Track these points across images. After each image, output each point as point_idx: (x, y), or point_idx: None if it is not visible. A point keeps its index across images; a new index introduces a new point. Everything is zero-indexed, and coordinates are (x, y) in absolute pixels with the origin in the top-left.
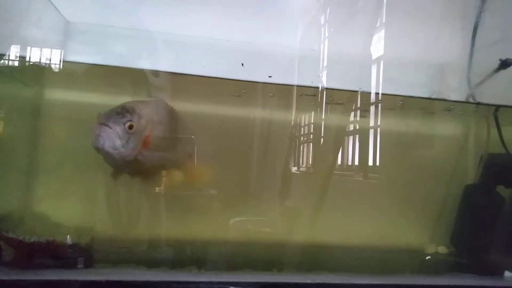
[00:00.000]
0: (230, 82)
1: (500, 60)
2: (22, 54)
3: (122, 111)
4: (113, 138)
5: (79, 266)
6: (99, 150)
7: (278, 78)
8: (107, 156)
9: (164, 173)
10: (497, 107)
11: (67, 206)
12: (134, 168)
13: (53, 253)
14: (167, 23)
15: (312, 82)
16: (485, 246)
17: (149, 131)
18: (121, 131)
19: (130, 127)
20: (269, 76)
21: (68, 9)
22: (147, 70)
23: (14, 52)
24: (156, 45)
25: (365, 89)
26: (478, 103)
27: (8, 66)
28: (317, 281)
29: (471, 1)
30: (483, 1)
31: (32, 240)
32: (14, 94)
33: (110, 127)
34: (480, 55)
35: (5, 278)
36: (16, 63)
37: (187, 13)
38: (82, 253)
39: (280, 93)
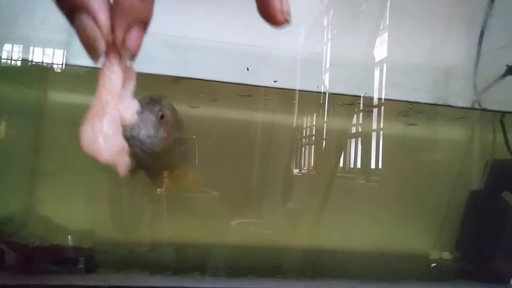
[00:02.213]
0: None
1: (507, 65)
2: (25, 55)
3: (152, 101)
4: (149, 126)
5: (83, 271)
6: (133, 139)
7: (281, 82)
8: (139, 146)
9: (168, 173)
10: (504, 113)
11: (71, 209)
12: (154, 163)
13: (57, 258)
14: (169, 25)
15: (317, 87)
16: (490, 252)
17: (170, 124)
18: (155, 119)
19: (162, 116)
20: (275, 81)
21: None
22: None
23: (17, 54)
24: (159, 47)
25: (368, 94)
26: (484, 109)
27: (10, 68)
28: None
29: (477, 5)
30: (490, 6)
31: (35, 244)
32: (16, 95)
33: (145, 115)
34: (486, 60)
35: (8, 283)
36: (19, 65)
37: (188, 15)
38: (85, 258)
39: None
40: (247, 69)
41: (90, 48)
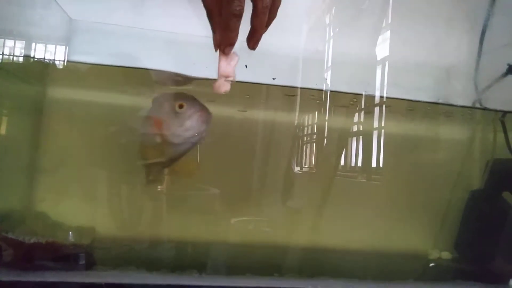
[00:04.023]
0: None
1: (508, 64)
2: (24, 52)
3: (195, 99)
4: (207, 123)
5: (79, 268)
6: (196, 136)
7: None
8: (196, 141)
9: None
10: (505, 112)
11: (69, 206)
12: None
13: (53, 254)
14: (169, 22)
15: (316, 85)
16: (489, 253)
17: None
18: (209, 117)
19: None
20: (273, 78)
21: (72, 7)
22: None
23: (15, 50)
24: (159, 44)
25: (369, 92)
26: (485, 109)
27: (9, 64)
28: (318, 287)
29: (479, 4)
30: (492, 4)
31: (32, 241)
32: (15, 92)
33: (204, 113)
34: (487, 60)
35: (4, 279)
36: (19, 62)
37: (189, 11)
38: (82, 255)
39: None
40: (246, 66)
41: (232, 43)
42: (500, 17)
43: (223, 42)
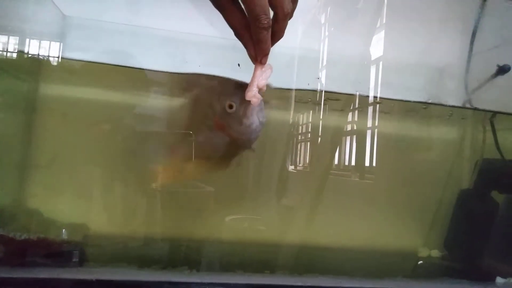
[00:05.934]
0: None
1: (498, 65)
2: (17, 48)
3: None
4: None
5: (71, 264)
6: (261, 124)
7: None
8: (260, 129)
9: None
10: (494, 113)
11: (61, 203)
12: None
13: (45, 251)
14: (164, 20)
15: (308, 84)
16: (478, 251)
17: None
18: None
19: None
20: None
21: (65, 3)
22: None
23: (7, 46)
24: (153, 42)
25: (362, 92)
26: (475, 109)
27: (1, 60)
28: (308, 284)
29: (470, 6)
30: (482, 6)
31: (23, 237)
32: (6, 88)
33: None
34: (478, 60)
35: None
36: (11, 58)
37: (183, 9)
38: (74, 251)
39: None
40: (238, 65)
41: (267, 54)
42: (490, 19)
43: (259, 54)
